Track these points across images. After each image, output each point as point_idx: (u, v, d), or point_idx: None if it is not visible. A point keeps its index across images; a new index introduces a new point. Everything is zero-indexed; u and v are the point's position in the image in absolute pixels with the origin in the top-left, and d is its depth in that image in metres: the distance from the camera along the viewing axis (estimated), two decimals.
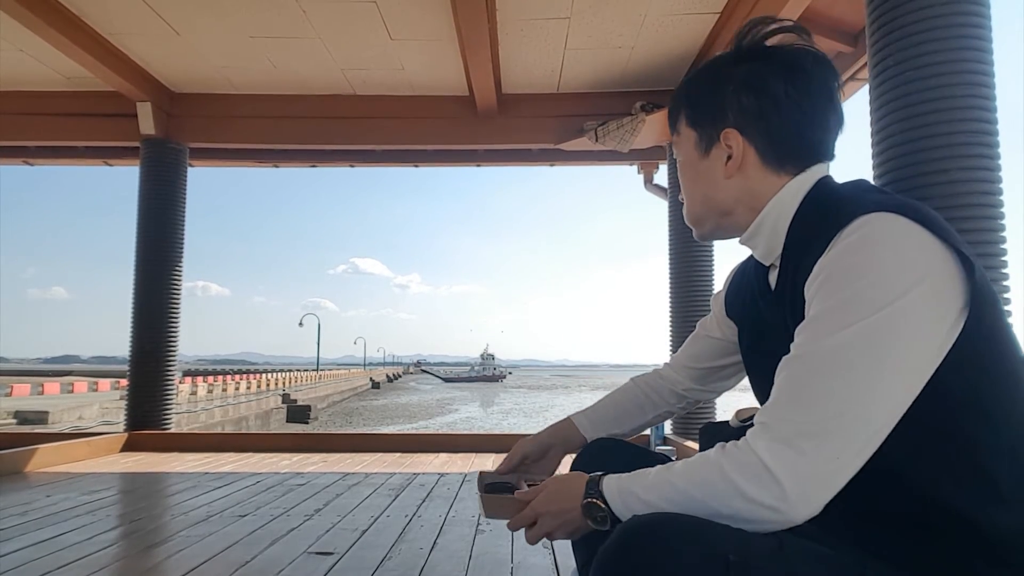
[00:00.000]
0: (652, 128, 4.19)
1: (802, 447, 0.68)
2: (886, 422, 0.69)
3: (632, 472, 0.78)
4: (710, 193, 0.92)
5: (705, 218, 0.96)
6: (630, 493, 0.75)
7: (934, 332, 0.69)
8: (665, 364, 1.25)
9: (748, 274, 1.02)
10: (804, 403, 0.70)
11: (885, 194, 0.79)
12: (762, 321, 0.95)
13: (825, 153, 0.88)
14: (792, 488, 0.67)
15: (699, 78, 0.94)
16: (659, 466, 0.76)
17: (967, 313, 0.70)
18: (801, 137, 0.86)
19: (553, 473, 1.15)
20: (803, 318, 0.76)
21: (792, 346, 0.74)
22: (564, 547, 1.88)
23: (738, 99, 0.87)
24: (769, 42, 0.89)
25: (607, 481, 0.78)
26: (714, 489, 0.70)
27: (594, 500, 0.78)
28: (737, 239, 0.96)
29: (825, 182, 0.86)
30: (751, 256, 1.05)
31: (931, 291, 0.69)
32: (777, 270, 0.89)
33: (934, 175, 1.60)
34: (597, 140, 4.23)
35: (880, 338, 0.68)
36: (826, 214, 0.78)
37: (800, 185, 0.86)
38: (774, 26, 0.89)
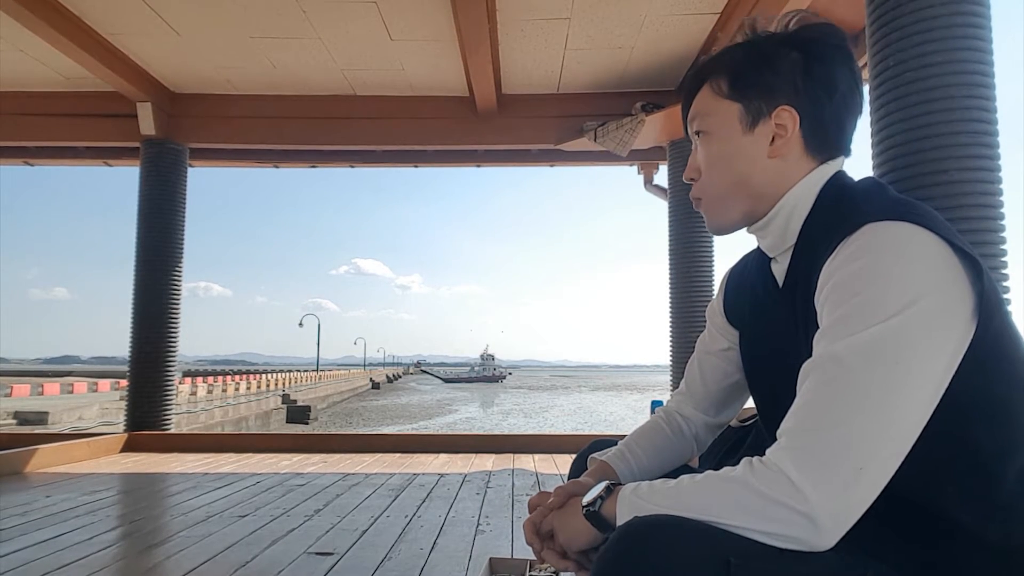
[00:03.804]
0: (652, 128, 4.20)
1: (829, 462, 0.66)
2: (911, 432, 0.67)
3: (647, 485, 0.76)
4: (748, 173, 0.87)
5: (734, 203, 0.89)
6: (643, 511, 0.72)
7: (950, 337, 0.68)
8: (676, 401, 1.13)
9: (749, 273, 1.01)
10: (829, 415, 0.67)
11: (894, 197, 0.78)
12: (765, 317, 0.94)
13: (848, 147, 0.89)
14: (822, 505, 0.65)
15: (743, 52, 0.89)
16: (672, 483, 0.74)
17: (977, 318, 0.69)
18: (841, 128, 0.87)
19: None
20: (814, 320, 0.75)
21: (814, 353, 0.73)
22: None
23: (795, 80, 0.85)
24: (808, 33, 0.87)
25: (622, 490, 0.77)
26: (741, 508, 0.67)
27: (601, 497, 0.78)
28: (745, 228, 0.92)
29: (840, 176, 0.86)
30: (747, 256, 1.04)
31: (944, 298, 0.68)
32: (784, 263, 0.88)
33: (934, 175, 1.60)
34: (596, 140, 4.23)
35: (902, 345, 0.67)
36: (838, 214, 0.78)
37: (820, 176, 0.85)
38: (818, 20, 0.87)
